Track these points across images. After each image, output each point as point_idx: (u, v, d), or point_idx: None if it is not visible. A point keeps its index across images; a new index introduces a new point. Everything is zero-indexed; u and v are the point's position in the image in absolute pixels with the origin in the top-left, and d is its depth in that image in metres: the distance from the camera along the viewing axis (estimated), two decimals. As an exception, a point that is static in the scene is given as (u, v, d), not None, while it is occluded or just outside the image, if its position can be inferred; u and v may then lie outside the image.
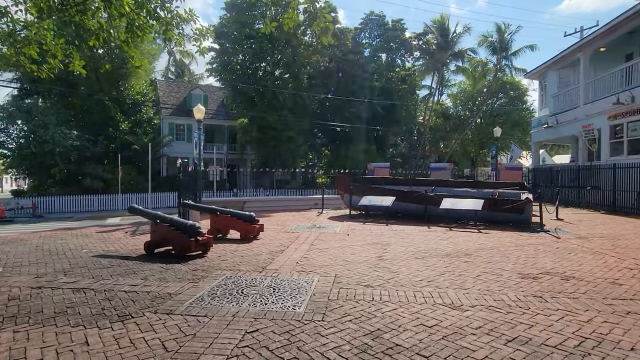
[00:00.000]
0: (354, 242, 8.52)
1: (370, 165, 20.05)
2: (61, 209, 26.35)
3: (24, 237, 9.41)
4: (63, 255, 6.99)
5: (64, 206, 26.52)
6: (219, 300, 4.42)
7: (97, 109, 30.28)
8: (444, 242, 8.54)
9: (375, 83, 34.89)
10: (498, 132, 21.28)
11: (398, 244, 8.21)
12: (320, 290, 4.82)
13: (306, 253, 7.24)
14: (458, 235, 9.43)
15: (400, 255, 7.05)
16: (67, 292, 4.73)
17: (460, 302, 4.43)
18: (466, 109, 43.62)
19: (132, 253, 7.26)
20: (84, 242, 8.52)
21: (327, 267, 6.09)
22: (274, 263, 6.39)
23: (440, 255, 7.11)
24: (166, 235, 7.06)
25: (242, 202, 16.47)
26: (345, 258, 6.82)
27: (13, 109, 28.30)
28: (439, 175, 17.64)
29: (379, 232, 10.03)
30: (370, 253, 7.29)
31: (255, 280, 5.31)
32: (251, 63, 32.40)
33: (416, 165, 37.10)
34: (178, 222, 7.07)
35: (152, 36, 6.65)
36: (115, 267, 6.12)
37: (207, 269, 5.95)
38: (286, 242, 8.50)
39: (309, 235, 9.37)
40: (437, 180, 14.87)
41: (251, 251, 7.44)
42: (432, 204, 11.95)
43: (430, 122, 39.91)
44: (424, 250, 7.52)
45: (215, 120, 38.25)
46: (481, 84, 39.18)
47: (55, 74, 7.10)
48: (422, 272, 5.84)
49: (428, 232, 10.03)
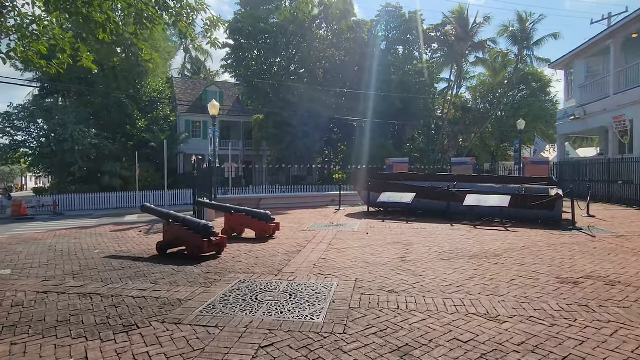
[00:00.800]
0: (374, 241, 8.12)
1: (389, 161, 19.54)
2: (81, 207, 26.67)
3: (38, 236, 9.33)
4: (74, 256, 6.81)
5: (84, 204, 26.83)
6: (232, 308, 4.10)
7: (115, 108, 30.57)
8: (470, 241, 8.05)
9: (392, 76, 34.08)
10: (522, 125, 20.44)
11: (421, 244, 7.77)
12: (340, 297, 4.45)
13: (324, 254, 6.88)
14: (484, 234, 8.92)
15: (424, 256, 6.61)
16: (73, 298, 4.49)
17: (497, 311, 3.99)
18: (486, 101, 42.41)
19: (145, 254, 7.04)
20: (97, 242, 8.36)
21: (347, 270, 5.71)
22: (290, 265, 6.05)
23: (467, 256, 6.65)
24: (179, 235, 6.80)
25: (258, 200, 16.22)
26: (365, 259, 6.43)
27: (34, 108, 28.76)
28: (460, 170, 17.01)
29: (400, 230, 9.60)
30: (392, 254, 6.88)
31: (270, 284, 4.97)
32: (266, 59, 32.09)
33: (435, 160, 36.26)
34: (191, 221, 6.80)
35: (161, 27, 6.38)
36: (125, 269, 5.88)
37: (220, 272, 5.65)
38: (303, 241, 8.15)
39: (327, 234, 9.01)
40: (459, 175, 14.28)
41: (266, 252, 7.12)
42: (455, 200, 11.42)
43: (449, 115, 38.92)
44: (449, 251, 7.06)
45: (230, 117, 38.20)
46: (502, 75, 37.94)
47: (65, 69, 6.90)
48: (450, 275, 5.40)
49: (451, 230, 9.54)
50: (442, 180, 13.82)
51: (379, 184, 13.37)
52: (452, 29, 35.32)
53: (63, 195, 26.81)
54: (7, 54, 6.46)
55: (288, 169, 30.26)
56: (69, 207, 26.33)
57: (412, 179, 14.42)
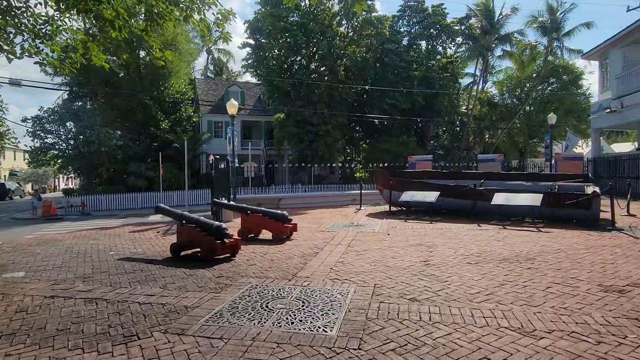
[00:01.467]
0: (395, 243, 7.72)
1: (411, 159, 18.96)
2: (108, 207, 27.26)
3: (59, 237, 9.39)
4: (89, 258, 6.72)
5: (110, 204, 27.41)
6: (239, 317, 3.82)
7: (140, 109, 31.11)
8: (499, 243, 7.53)
9: (415, 72, 33.33)
10: (553, 119, 19.41)
11: (445, 246, 7.32)
12: (357, 305, 4.10)
13: (342, 256, 6.54)
14: (514, 235, 8.36)
15: (449, 260, 6.17)
16: (79, 303, 4.33)
17: (532, 325, 3.56)
18: (513, 96, 40.90)
19: (159, 255, 6.89)
20: (114, 243, 8.31)
21: (365, 274, 5.36)
22: (305, 269, 5.74)
23: (497, 259, 6.17)
24: (192, 237, 6.61)
25: (278, 199, 16.03)
26: (385, 262, 6.06)
27: (63, 112, 29.60)
28: (487, 167, 16.27)
29: (423, 231, 9.14)
30: (414, 256, 6.47)
31: (283, 290, 4.68)
32: (286, 57, 31.94)
33: (459, 157, 35.25)
34: (204, 222, 6.60)
35: (172, 23, 6.20)
36: (137, 272, 5.72)
37: (232, 276, 5.40)
38: (321, 243, 7.84)
39: (346, 235, 8.66)
40: (487, 172, 13.62)
41: (282, 254, 6.84)
42: (482, 199, 10.85)
43: (475, 111, 37.75)
44: (477, 254, 6.59)
45: (252, 117, 38.33)
46: (530, 68, 36.45)
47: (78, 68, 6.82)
48: (478, 282, 4.96)
49: (478, 231, 9.01)
50: (467, 178, 13.22)
51: (401, 182, 12.90)
52: (477, 22, 34.20)
53: (90, 196, 27.48)
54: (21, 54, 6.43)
55: (309, 168, 30.01)
56: (96, 207, 26.96)
57: (435, 176, 13.87)
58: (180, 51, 33.70)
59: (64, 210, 25.76)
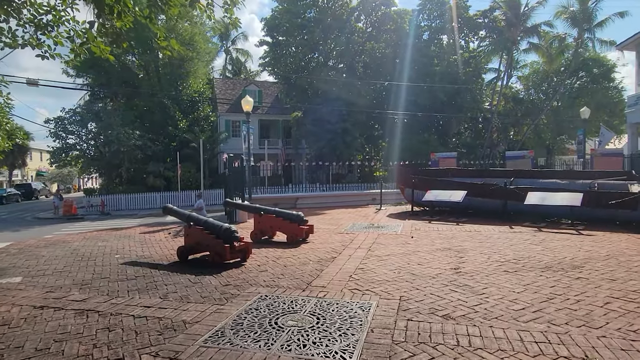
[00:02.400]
0: (420, 246, 7.06)
1: (434, 156, 18.10)
2: (127, 207, 27.36)
3: (68, 238, 9.11)
4: (92, 262, 6.33)
5: (130, 204, 27.49)
6: (243, 337, 3.29)
7: (158, 109, 31.20)
8: (537, 247, 6.78)
9: (436, 68, 32.27)
10: (586, 113, 18.20)
11: (477, 250, 6.62)
12: (381, 324, 3.51)
13: (362, 262, 5.94)
14: (553, 239, 7.57)
15: (482, 267, 5.50)
16: (68, 316, 3.88)
17: (599, 354, 2.89)
18: (540, 91, 39.28)
19: (165, 259, 6.45)
20: (122, 245, 7.94)
21: (389, 284, 4.75)
22: (321, 276, 5.17)
23: (538, 267, 5.45)
24: (200, 240, 6.14)
25: (295, 199, 15.51)
26: (410, 270, 5.43)
27: (84, 112, 29.94)
28: (515, 164, 15.31)
29: (450, 233, 8.44)
30: (443, 263, 5.81)
31: (295, 303, 4.12)
32: (304, 54, 31.40)
33: (483, 155, 33.95)
34: (212, 224, 6.11)
35: (177, 10, 5.74)
36: (139, 278, 5.27)
37: (241, 284, 4.88)
38: (339, 246, 7.25)
39: (366, 238, 8.05)
40: (517, 170, 12.72)
41: (297, 259, 6.29)
42: (513, 198, 10.04)
43: (499, 107, 36.35)
44: (514, 260, 5.88)
45: (270, 116, 38.03)
46: (558, 62, 34.77)
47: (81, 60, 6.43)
48: (521, 295, 4.28)
49: (512, 233, 8.25)
50: (496, 176, 12.38)
51: (424, 180, 12.18)
52: (502, 14, 32.84)
53: (110, 196, 27.64)
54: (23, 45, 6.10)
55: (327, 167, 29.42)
56: (116, 207, 27.09)
57: (461, 175, 13.09)
58: (198, 51, 33.69)
59: (85, 209, 25.98)
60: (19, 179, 52.60)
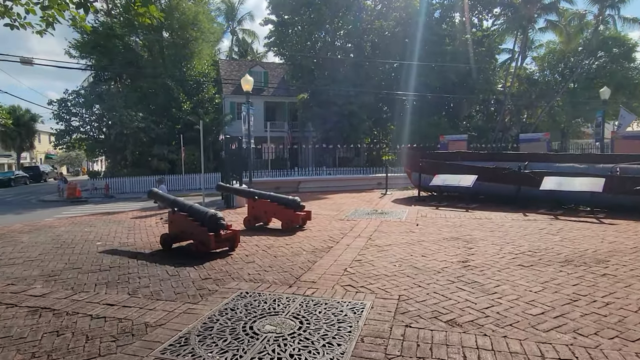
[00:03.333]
0: (426, 235, 6.49)
1: (444, 138, 17.33)
2: (131, 189, 27.14)
3: (56, 223, 8.71)
4: (70, 250, 5.89)
5: (134, 187, 27.26)
6: (210, 346, 2.78)
7: (162, 91, 30.65)
8: (554, 238, 6.16)
9: (447, 47, 31.04)
10: (606, 94, 17.18)
11: (487, 241, 6.03)
12: (374, 331, 2.97)
13: (360, 253, 5.40)
14: (571, 228, 6.94)
15: (494, 260, 4.92)
16: (19, 315, 3.41)
17: (642, 380, 2.32)
18: (556, 72, 37.79)
19: (149, 247, 5.98)
20: (108, 231, 7.50)
21: (387, 280, 4.21)
22: (313, 269, 4.65)
23: (557, 261, 4.86)
24: (184, 227, 5.64)
25: (297, 182, 14.98)
26: (413, 263, 4.87)
27: (87, 94, 29.52)
28: (530, 148, 14.50)
29: (458, 220, 7.84)
30: (450, 254, 5.25)
31: (278, 302, 3.61)
32: (310, 33, 30.37)
33: (494, 139, 32.89)
34: (197, 210, 5.60)
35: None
36: (113, 269, 4.80)
37: (222, 278, 4.38)
38: (337, 234, 6.71)
39: (367, 225, 7.50)
40: (532, 154, 11.97)
41: (289, 248, 5.77)
42: (528, 184, 9.37)
43: (513, 88, 35.05)
44: (529, 252, 5.29)
45: (275, 98, 37.27)
46: (576, 41, 33.25)
47: (52, 26, 5.81)
48: (539, 295, 3.71)
49: (526, 221, 7.62)
50: (508, 159, 11.68)
51: (432, 164, 11.53)
52: (518, -10, 31.29)
53: (115, 179, 27.43)
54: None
55: (334, 151, 28.73)
56: (120, 190, 26.88)
57: (472, 158, 12.40)
58: (203, 31, 32.85)
59: (89, 192, 25.83)
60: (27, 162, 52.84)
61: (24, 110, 47.54)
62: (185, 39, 32.28)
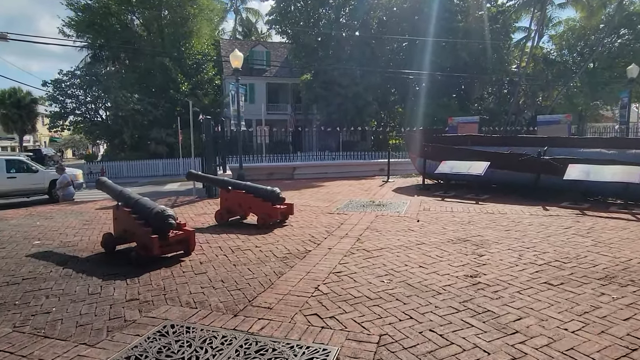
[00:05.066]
0: (427, 235, 5.39)
1: (453, 120, 15.98)
2: (128, 174, 26.35)
3: (9, 214, 7.77)
4: (-5, 252, 4.91)
5: (132, 171, 26.46)
6: None
7: (160, 72, 29.51)
8: (585, 241, 5.01)
9: (460, 24, 29.20)
10: (634, 71, 15.57)
11: (502, 244, 4.91)
12: (329, 412, 1.90)
13: (343, 260, 4.33)
14: (604, 227, 5.77)
15: (512, 275, 3.81)
16: None
17: None
18: (574, 51, 35.68)
19: (90, 250, 4.97)
20: (60, 225, 6.53)
21: (369, 306, 3.13)
22: (275, 287, 3.59)
23: (594, 277, 3.73)
24: (127, 226, 4.62)
25: (292, 169, 13.89)
26: (407, 277, 3.79)
27: (82, 74, 28.51)
28: (549, 131, 13.13)
29: (467, 216, 6.71)
30: (455, 264, 4.15)
31: (209, 344, 2.56)
32: (313, 9, 28.76)
33: (508, 122, 31.26)
34: (142, 206, 4.56)
35: None
36: (24, 282, 3.81)
37: (152, 300, 3.35)
38: (321, 233, 5.64)
39: (360, 221, 6.41)
40: (552, 137, 10.67)
41: (257, 252, 4.72)
42: (547, 172, 8.16)
43: (528, 69, 33.15)
44: (556, 262, 4.16)
45: (278, 79, 35.89)
46: (598, 17, 31.13)
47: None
48: (579, 337, 2.60)
49: (547, 218, 6.46)
50: (525, 144, 10.43)
51: (438, 149, 10.33)
52: (537, -39, 29.17)
53: (112, 163, 26.64)
54: None
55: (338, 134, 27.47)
56: (117, 174, 26.06)
57: (483, 142, 11.16)
58: (201, 7, 31.41)
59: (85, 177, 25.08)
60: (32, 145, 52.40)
61: (24, 93, 46.67)
62: (183, 17, 30.92)
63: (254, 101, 33.04)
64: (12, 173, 11.63)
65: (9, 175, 11.51)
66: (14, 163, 12.04)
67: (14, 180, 11.46)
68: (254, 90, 34.83)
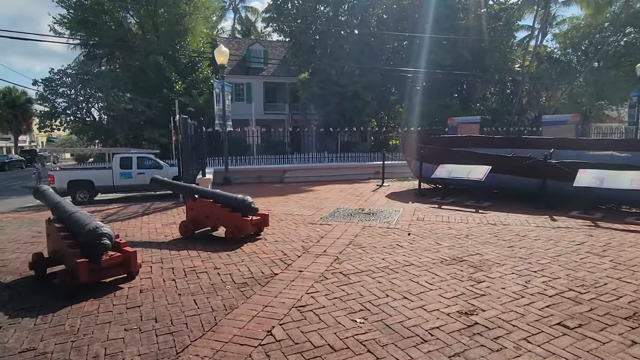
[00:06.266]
0: (417, 253, 4.63)
1: (452, 120, 15.17)
2: (120, 175, 25.67)
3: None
4: None
5: (124, 172, 25.77)
6: None
7: (154, 70, 28.82)
8: (602, 262, 4.25)
9: (461, 22, 28.39)
10: (644, 70, 14.82)
11: (505, 265, 4.16)
12: None
13: (312, 289, 3.58)
14: (621, 243, 5.00)
15: (517, 310, 3.05)
16: None
17: None
18: (579, 50, 34.84)
19: (20, 272, 4.24)
20: (7, 238, 5.81)
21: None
22: (217, 330, 2.85)
23: (619, 314, 2.98)
24: (57, 246, 3.88)
25: (282, 171, 13.14)
26: (386, 315, 3.04)
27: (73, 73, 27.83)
28: (555, 132, 12.32)
29: (465, 228, 5.95)
30: (447, 295, 3.40)
31: None
32: (311, 7, 28.01)
33: (510, 122, 30.41)
34: (75, 222, 3.82)
35: None
36: None
37: (55, 348, 2.61)
38: (296, 249, 4.89)
39: (343, 234, 5.65)
40: (559, 139, 9.88)
41: (213, 277, 3.97)
42: (554, 177, 7.39)
43: (532, 68, 32.33)
44: (570, 292, 3.41)
45: (276, 78, 35.16)
46: (604, 14, 30.28)
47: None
48: None
49: (555, 230, 5.69)
50: (530, 146, 9.66)
51: (435, 151, 9.57)
52: (541, -43, 28.37)
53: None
54: None
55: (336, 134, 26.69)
56: (108, 175, 25.43)
57: (485, 144, 10.38)
58: (196, 5, 30.71)
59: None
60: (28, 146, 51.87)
61: (19, 92, 46.05)
62: (178, 14, 30.23)
63: (251, 100, 32.32)
64: (142, 169, 12.15)
65: (139, 171, 12.08)
66: (144, 160, 12.77)
67: (142, 176, 11.87)
68: (251, 89, 34.14)
